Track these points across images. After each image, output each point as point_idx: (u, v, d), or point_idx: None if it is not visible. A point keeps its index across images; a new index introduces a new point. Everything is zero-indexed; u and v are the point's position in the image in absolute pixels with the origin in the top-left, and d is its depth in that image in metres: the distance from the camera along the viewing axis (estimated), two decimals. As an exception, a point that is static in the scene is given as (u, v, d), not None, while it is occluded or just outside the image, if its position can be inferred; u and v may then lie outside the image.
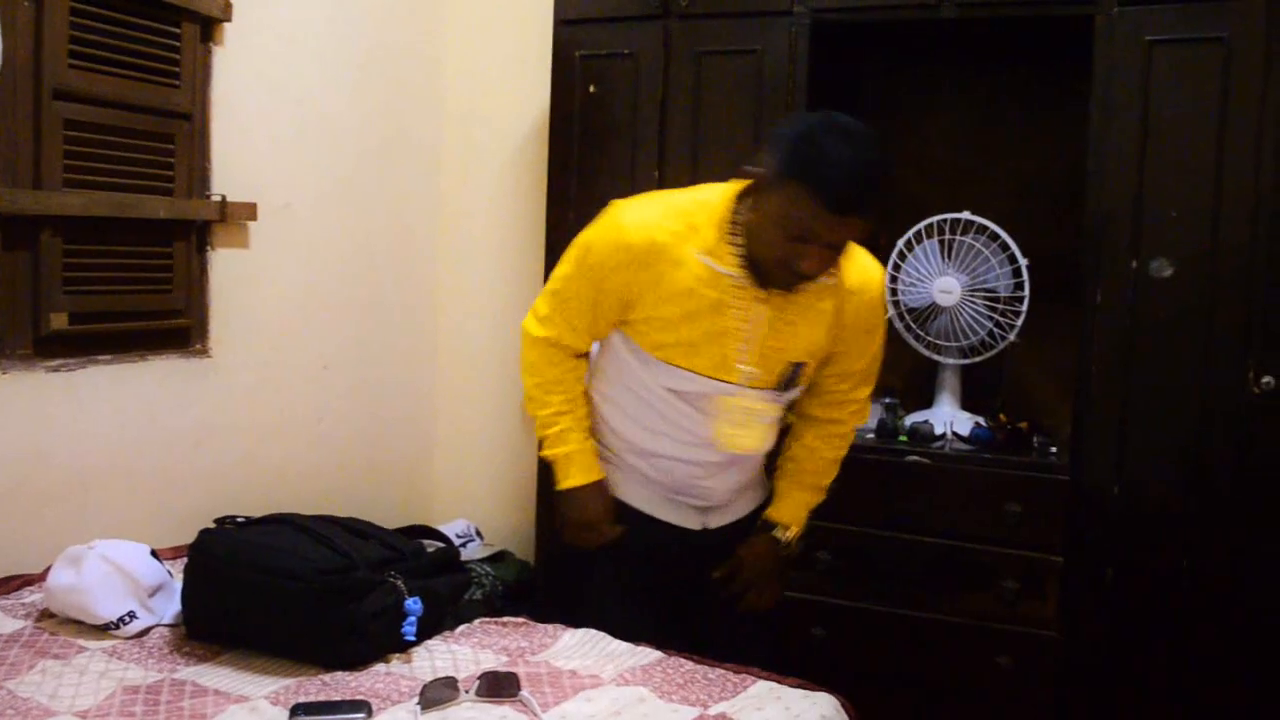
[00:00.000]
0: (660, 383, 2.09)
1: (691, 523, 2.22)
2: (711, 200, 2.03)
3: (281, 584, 1.95)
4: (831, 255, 1.92)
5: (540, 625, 2.17)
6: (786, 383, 2.12)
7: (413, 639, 2.02)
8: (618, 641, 2.06)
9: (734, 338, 2.03)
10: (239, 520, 2.23)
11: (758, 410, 2.10)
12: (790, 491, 2.29)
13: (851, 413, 2.29)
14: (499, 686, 1.81)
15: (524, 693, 1.80)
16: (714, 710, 1.82)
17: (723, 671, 1.97)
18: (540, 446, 2.21)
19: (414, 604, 2.03)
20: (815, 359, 2.15)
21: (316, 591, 1.93)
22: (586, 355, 2.22)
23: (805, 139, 1.86)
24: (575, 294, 2.10)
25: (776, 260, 1.93)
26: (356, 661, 1.94)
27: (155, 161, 2.67)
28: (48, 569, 2.24)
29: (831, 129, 1.86)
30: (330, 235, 3.24)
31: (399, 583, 2.04)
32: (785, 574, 2.31)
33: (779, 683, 1.95)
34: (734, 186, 2.03)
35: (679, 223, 2.01)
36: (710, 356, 2.04)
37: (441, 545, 2.40)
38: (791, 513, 2.28)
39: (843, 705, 1.93)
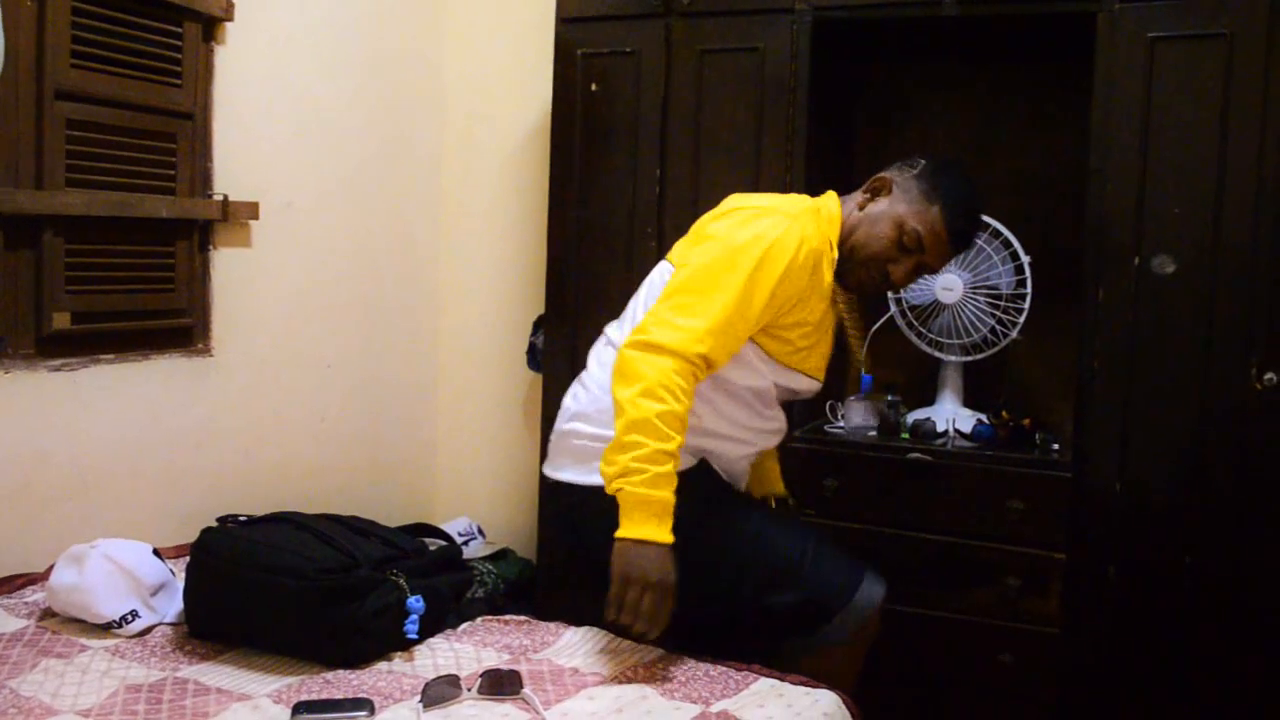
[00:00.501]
0: (774, 383, 2.18)
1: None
2: (830, 212, 2.18)
3: (284, 583, 1.95)
4: (917, 275, 2.21)
5: (542, 623, 2.17)
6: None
7: (415, 637, 2.03)
8: (619, 639, 2.06)
9: (830, 339, 2.25)
10: (241, 519, 2.23)
11: None
12: (774, 467, 2.57)
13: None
14: (501, 684, 1.81)
15: (526, 690, 1.80)
16: (716, 708, 1.82)
17: (725, 669, 1.97)
18: (621, 474, 1.89)
19: (416, 602, 2.03)
20: None
21: (319, 590, 1.94)
22: None
23: (951, 175, 2.17)
24: (744, 305, 2.00)
25: (875, 257, 2.14)
26: (359, 660, 1.95)
27: (157, 161, 2.67)
28: (50, 568, 2.25)
29: (967, 180, 2.21)
30: (332, 234, 3.24)
31: (401, 581, 2.05)
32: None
33: (780, 680, 1.95)
34: (834, 201, 2.22)
35: (822, 235, 2.13)
36: (820, 357, 2.22)
37: (443, 543, 2.41)
38: (782, 484, 2.60)
39: (844, 702, 1.93)
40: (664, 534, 1.88)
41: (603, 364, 2.18)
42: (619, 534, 1.87)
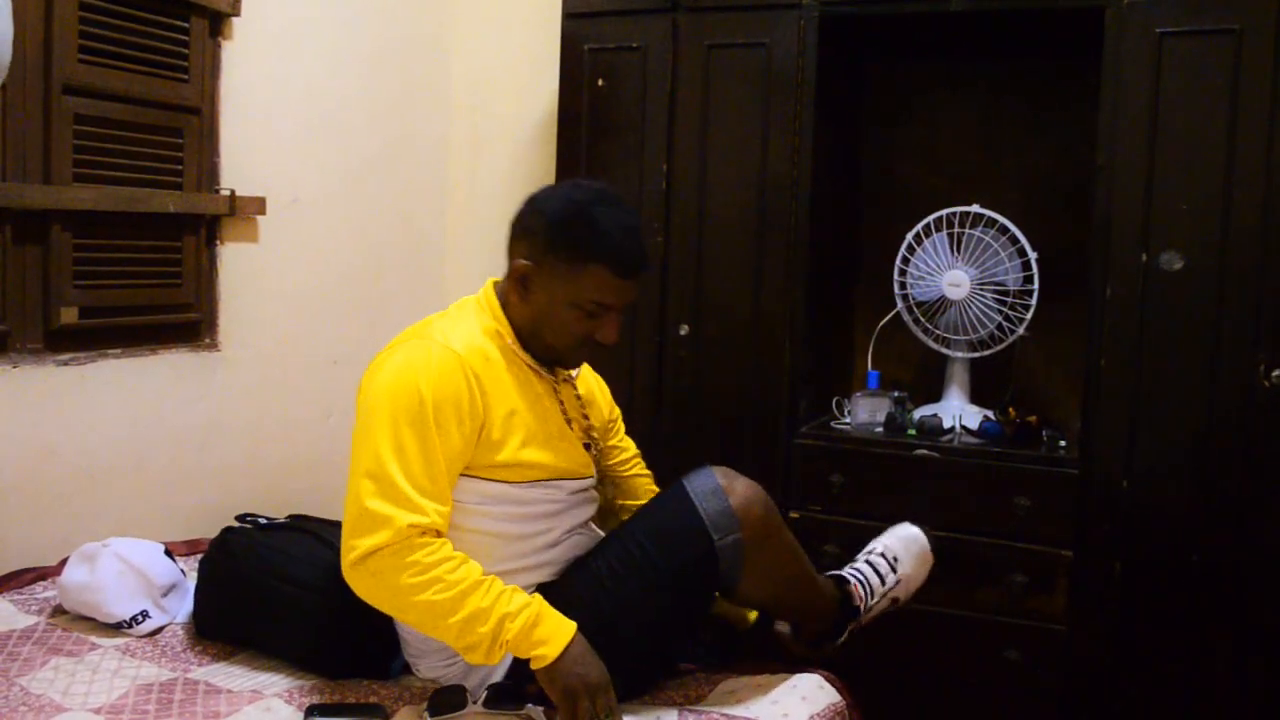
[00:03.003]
0: (527, 509, 1.90)
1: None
2: (483, 301, 1.96)
3: (301, 593, 1.95)
4: (618, 319, 1.92)
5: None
6: (597, 455, 2.07)
7: (395, 675, 1.99)
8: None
9: (564, 426, 1.97)
10: (261, 521, 2.22)
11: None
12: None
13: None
14: (506, 698, 1.81)
15: (530, 705, 1.80)
16: (696, 706, 1.83)
17: (698, 672, 1.99)
18: (480, 646, 1.71)
19: None
20: (601, 423, 2.14)
21: (334, 605, 1.93)
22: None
23: (578, 219, 1.86)
24: (429, 456, 1.76)
25: (576, 341, 1.90)
26: (354, 677, 1.94)
27: (164, 156, 2.67)
28: (60, 562, 2.25)
29: (596, 201, 1.89)
30: (339, 229, 3.24)
31: None
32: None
33: (756, 674, 1.97)
34: (486, 289, 1.99)
35: (484, 326, 1.91)
36: (564, 446, 1.94)
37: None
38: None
39: (827, 679, 1.94)
40: (565, 628, 1.73)
41: None
42: (537, 666, 1.72)
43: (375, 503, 1.72)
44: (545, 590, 1.86)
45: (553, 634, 1.72)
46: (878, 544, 2.22)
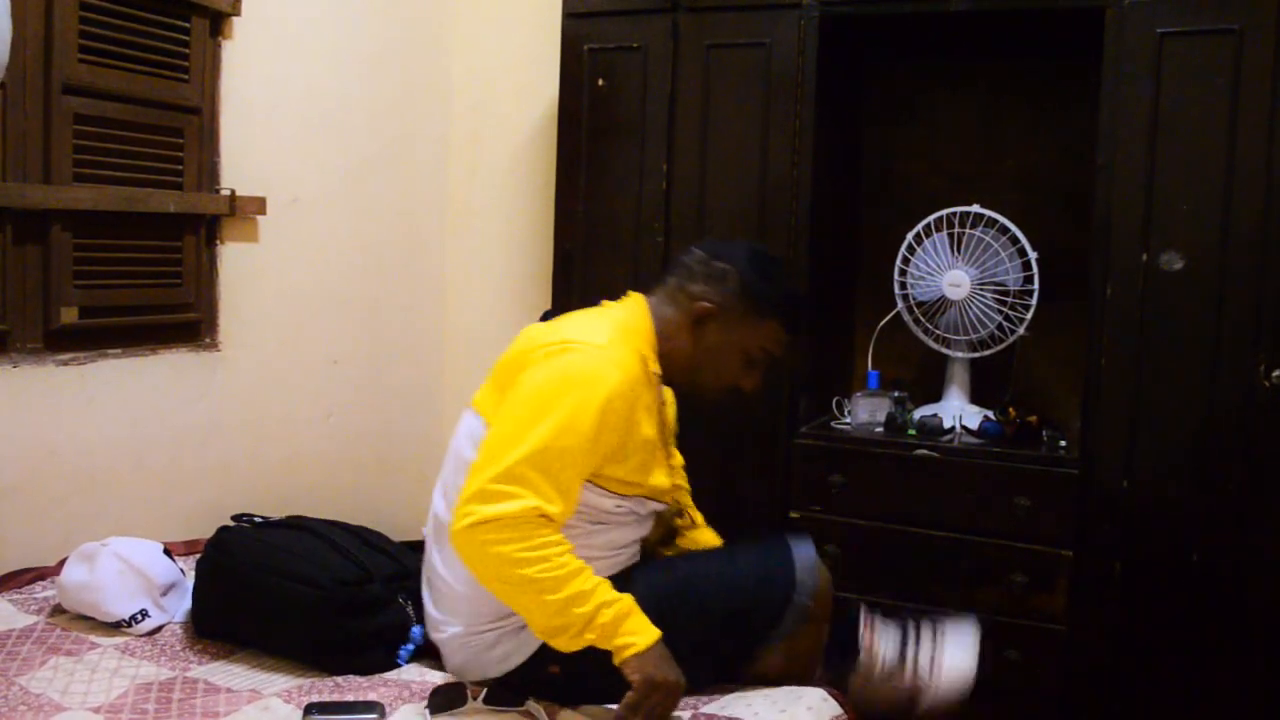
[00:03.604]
0: (623, 508, 1.98)
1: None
2: (638, 324, 2.02)
3: (300, 590, 1.96)
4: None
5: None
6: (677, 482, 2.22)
7: (403, 664, 2.01)
8: None
9: (662, 450, 2.06)
10: (256, 520, 2.22)
11: None
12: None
13: None
14: (506, 695, 1.81)
15: (531, 702, 1.80)
16: (706, 709, 1.83)
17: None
18: (571, 628, 1.76)
19: (418, 633, 2.04)
20: None
21: (335, 601, 1.93)
22: None
23: (769, 275, 2.04)
24: (577, 460, 1.82)
25: (728, 384, 2.06)
26: (355, 673, 1.94)
27: (164, 156, 2.67)
28: (59, 562, 2.25)
29: (773, 262, 2.10)
30: (339, 229, 3.24)
31: (409, 608, 2.05)
32: None
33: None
34: (640, 306, 2.06)
35: (635, 355, 1.95)
36: (661, 468, 2.02)
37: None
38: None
39: (830, 694, 1.94)
40: (652, 628, 1.78)
41: (448, 564, 1.93)
42: (623, 655, 1.75)
43: (511, 482, 1.76)
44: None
45: (642, 629, 1.77)
46: (930, 633, 2.19)
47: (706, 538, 2.29)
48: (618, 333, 1.96)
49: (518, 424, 1.81)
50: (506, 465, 1.76)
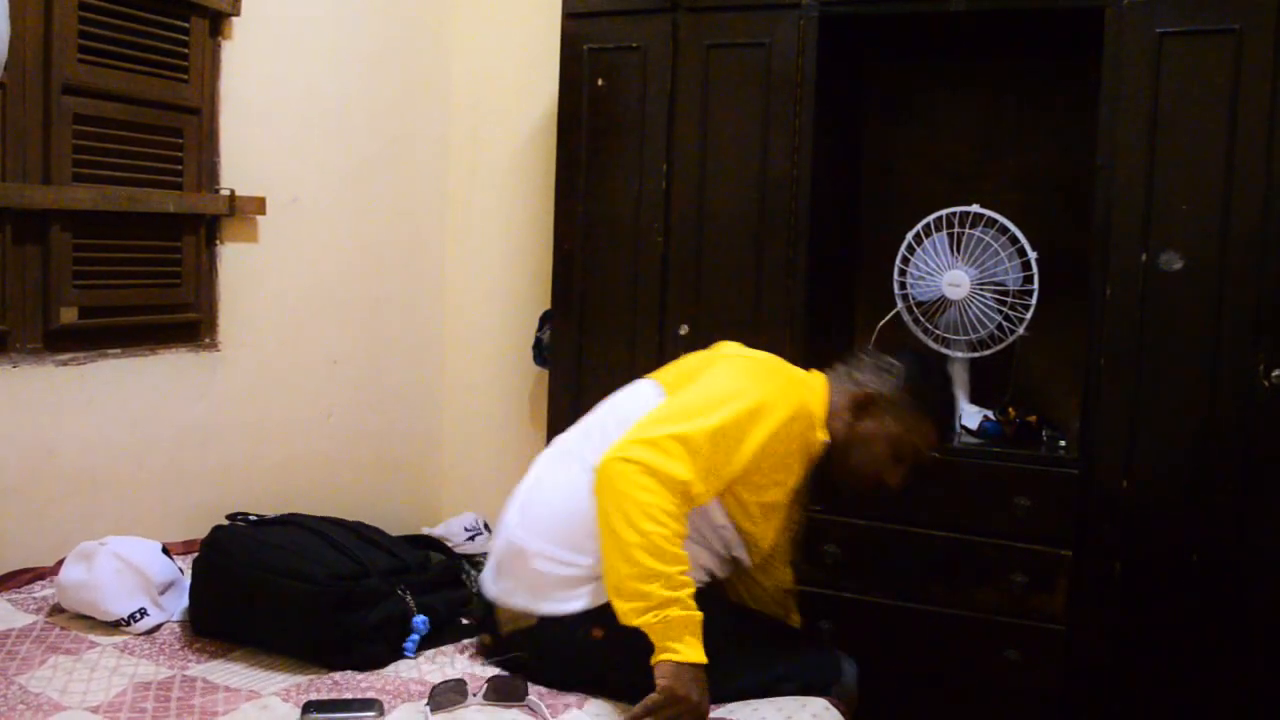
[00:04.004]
0: (722, 539, 2.08)
1: None
2: (818, 395, 2.12)
3: (296, 586, 1.95)
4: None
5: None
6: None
7: (411, 656, 2.02)
8: None
9: (781, 524, 2.14)
10: (251, 518, 2.23)
11: None
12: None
13: None
14: (507, 691, 1.81)
15: (531, 697, 1.80)
16: (712, 715, 1.82)
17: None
18: (659, 605, 1.79)
19: (421, 623, 2.04)
20: None
21: (330, 596, 1.94)
22: None
23: (934, 381, 2.19)
24: (732, 456, 1.92)
25: (876, 472, 2.11)
26: (357, 668, 1.94)
27: (164, 156, 2.67)
28: (58, 562, 2.25)
29: (936, 367, 2.30)
30: (338, 229, 3.24)
31: (409, 598, 2.05)
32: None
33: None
34: (821, 383, 2.15)
35: (813, 419, 2.06)
36: (765, 529, 2.09)
37: (443, 558, 2.39)
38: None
39: (832, 704, 1.94)
40: (702, 655, 1.80)
41: (558, 484, 2.05)
42: (665, 656, 1.78)
43: (683, 445, 1.85)
44: None
45: (694, 647, 1.79)
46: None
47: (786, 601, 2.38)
48: (800, 389, 2.09)
49: (708, 401, 1.93)
50: (686, 431, 1.86)
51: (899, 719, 2.71)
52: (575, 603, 1.92)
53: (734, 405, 1.93)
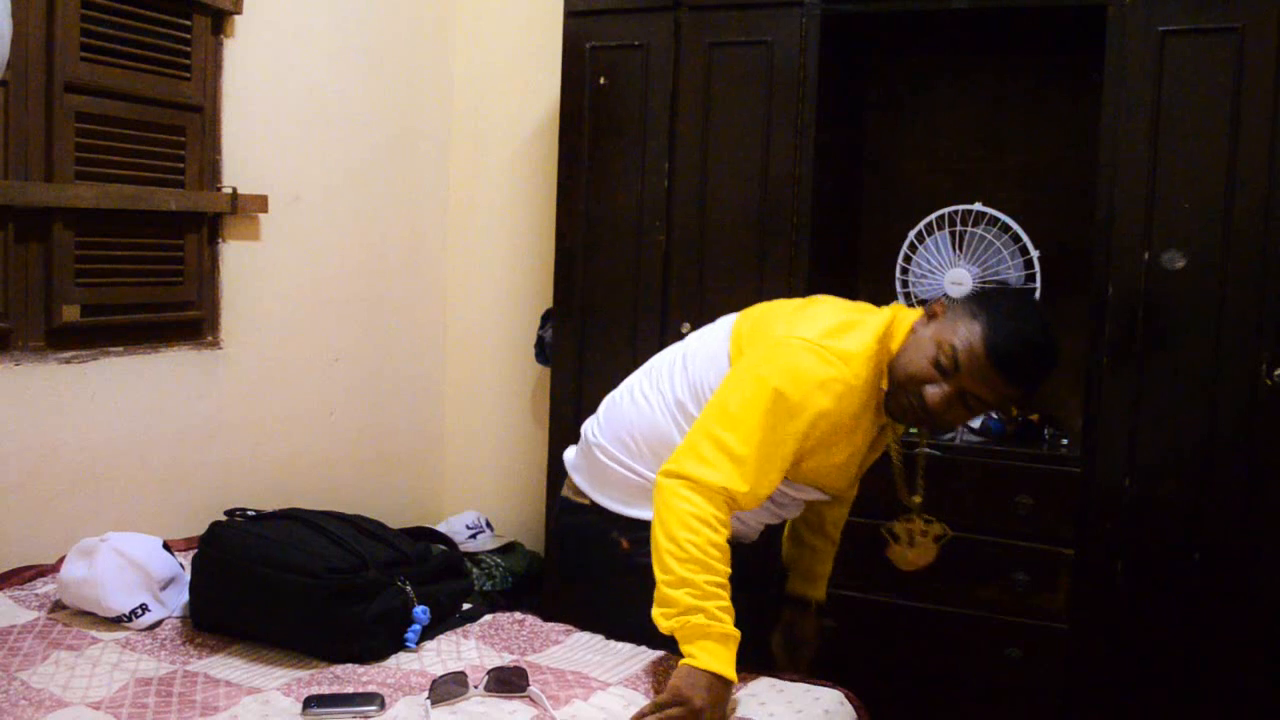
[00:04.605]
0: (785, 495, 2.06)
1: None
2: (891, 334, 1.98)
3: (293, 580, 1.95)
4: (961, 405, 1.91)
5: (547, 624, 2.17)
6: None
7: (414, 647, 2.02)
8: (622, 643, 2.06)
9: (859, 460, 2.08)
10: (250, 514, 2.23)
11: None
12: (826, 574, 2.37)
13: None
14: (508, 682, 1.81)
15: (533, 688, 1.80)
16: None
17: None
18: (685, 612, 1.80)
19: (422, 613, 2.04)
20: None
21: (328, 589, 1.94)
22: None
23: (1010, 296, 2.06)
24: (776, 451, 1.89)
25: (913, 378, 1.91)
26: (357, 661, 1.94)
27: (166, 154, 2.68)
28: (60, 559, 2.25)
29: (1033, 306, 2.09)
30: (340, 227, 3.24)
31: (408, 589, 2.05)
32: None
33: (780, 678, 1.95)
34: (889, 317, 2.01)
35: (863, 366, 1.93)
36: (844, 478, 2.09)
37: (444, 549, 2.40)
38: (825, 590, 2.38)
39: (847, 697, 1.93)
40: (729, 666, 1.77)
41: (636, 400, 2.12)
42: (684, 661, 1.77)
43: (720, 452, 1.86)
44: None
45: (721, 659, 1.76)
46: None
47: (819, 570, 2.36)
48: (865, 342, 1.94)
49: (741, 408, 1.87)
50: (720, 438, 1.86)
51: (901, 717, 2.71)
52: (619, 505, 2.06)
53: (764, 414, 1.87)
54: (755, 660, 2.02)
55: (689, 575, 1.79)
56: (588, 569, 2.15)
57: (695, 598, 1.78)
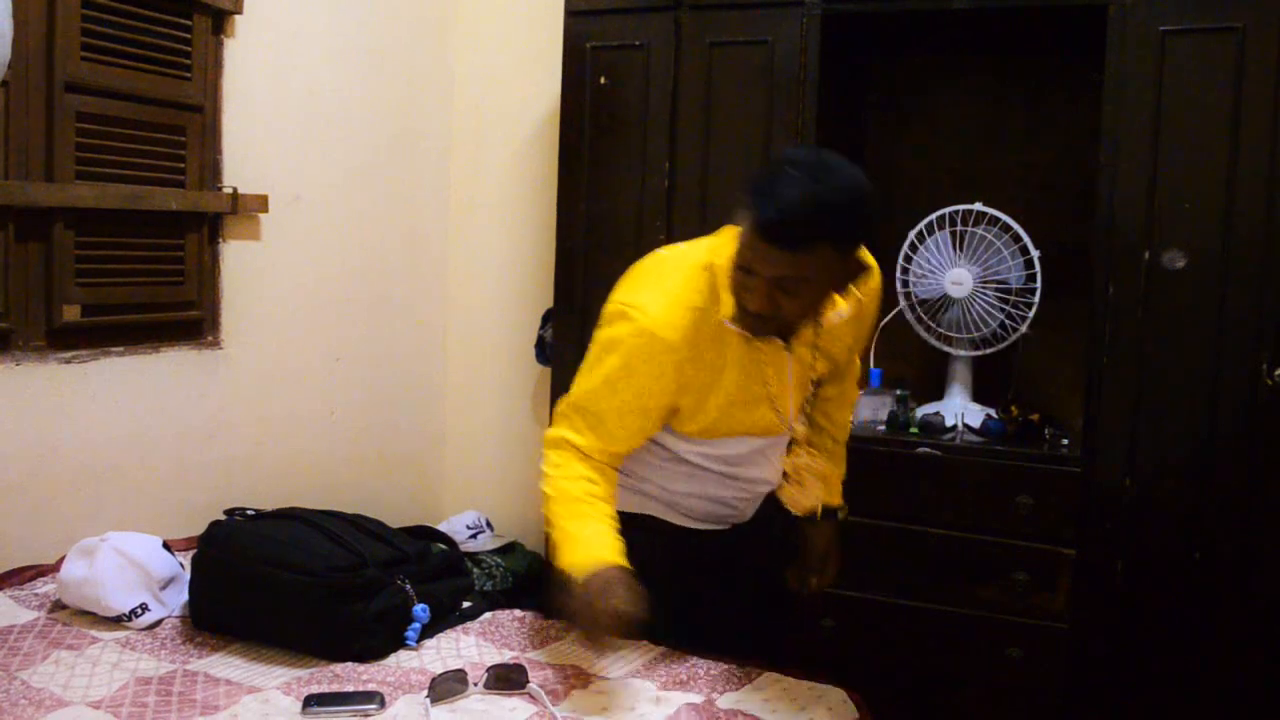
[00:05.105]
0: (705, 453, 2.03)
1: (722, 526, 2.14)
2: (717, 259, 1.91)
3: (293, 578, 1.96)
4: (781, 294, 1.79)
5: (547, 621, 2.17)
6: (812, 397, 2.11)
7: (413, 645, 2.03)
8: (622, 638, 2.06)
9: (777, 394, 1.99)
10: (249, 513, 2.23)
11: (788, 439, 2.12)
12: (833, 473, 2.26)
13: (854, 375, 2.27)
14: (507, 679, 1.81)
15: (533, 685, 1.80)
16: (722, 703, 1.82)
17: (726, 665, 1.97)
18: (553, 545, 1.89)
19: (421, 611, 2.04)
20: (838, 366, 2.14)
21: (328, 587, 1.94)
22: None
23: (768, 170, 1.80)
24: (615, 408, 1.91)
25: (734, 290, 1.84)
26: (357, 659, 1.95)
27: (167, 154, 2.68)
28: (60, 559, 2.25)
29: (798, 162, 1.77)
30: (341, 227, 3.24)
31: (408, 587, 2.05)
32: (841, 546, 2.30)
33: (784, 675, 1.95)
34: (708, 245, 1.95)
35: (700, 296, 1.88)
36: (759, 418, 1.99)
37: (444, 548, 2.40)
38: (838, 491, 2.26)
39: (850, 696, 1.93)
40: (582, 557, 1.79)
41: None
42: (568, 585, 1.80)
43: (562, 410, 1.98)
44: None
45: (579, 562, 1.79)
46: None
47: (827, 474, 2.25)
48: (687, 278, 1.90)
49: (580, 374, 1.97)
50: (564, 399, 1.98)
51: (901, 717, 2.71)
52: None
53: (593, 378, 1.93)
54: (747, 652, 2.03)
55: (548, 510, 1.90)
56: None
57: (553, 523, 1.88)
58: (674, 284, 1.90)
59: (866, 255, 1.97)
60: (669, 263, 1.97)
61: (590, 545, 1.81)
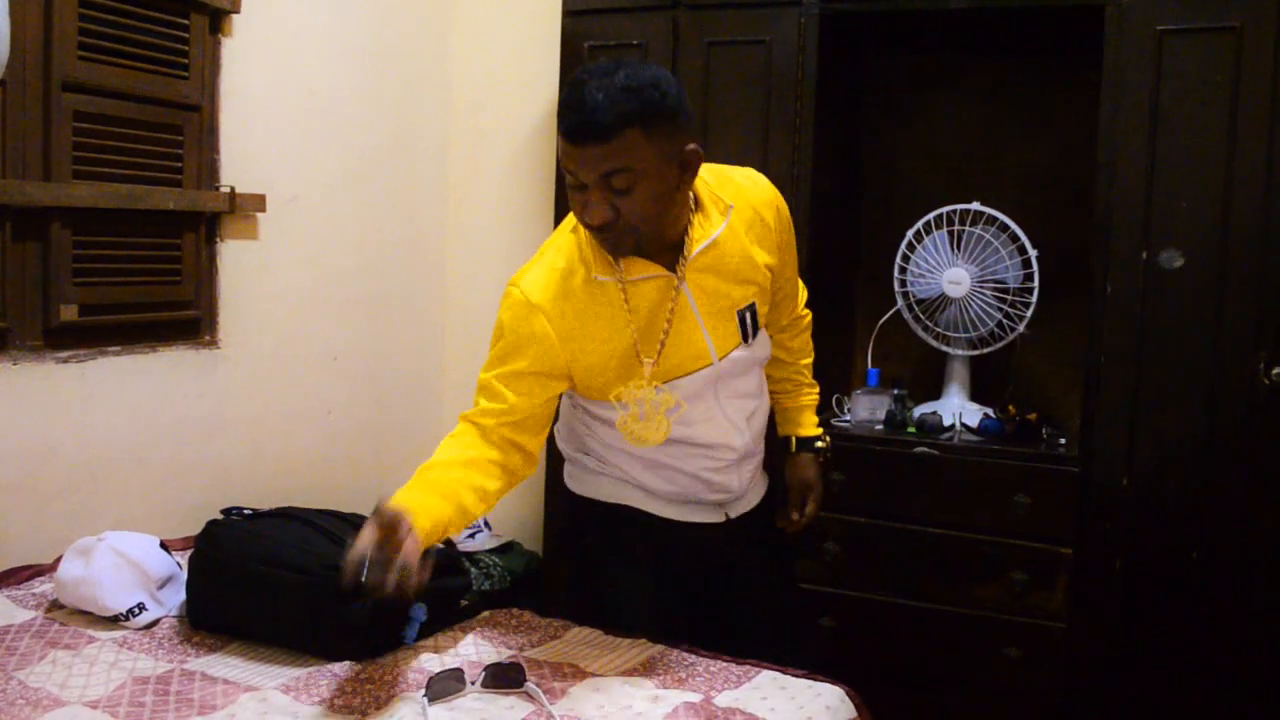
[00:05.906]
0: (594, 414, 2.05)
1: (714, 516, 2.13)
2: (555, 240, 2.04)
3: (290, 578, 1.95)
4: (609, 197, 1.78)
5: (545, 620, 2.17)
6: (751, 331, 2.02)
7: (411, 644, 2.03)
8: (620, 637, 2.06)
9: (687, 329, 1.95)
10: (246, 512, 2.23)
11: (742, 375, 2.05)
12: (800, 407, 2.31)
13: (802, 302, 2.29)
14: (505, 678, 1.81)
15: (530, 684, 1.80)
16: (720, 701, 1.82)
17: (724, 664, 1.97)
18: None
19: (419, 611, 2.04)
20: (763, 291, 2.04)
21: (325, 586, 1.94)
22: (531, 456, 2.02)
23: (568, 86, 1.80)
24: (506, 375, 1.99)
25: (577, 217, 1.86)
26: (355, 658, 1.94)
27: (164, 153, 2.67)
28: (57, 559, 2.25)
29: (592, 70, 1.79)
30: (338, 227, 3.24)
31: None
32: (827, 477, 2.35)
33: (782, 673, 1.95)
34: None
35: (566, 258, 1.95)
36: (674, 358, 1.95)
37: (441, 546, 2.39)
38: (812, 422, 2.32)
39: (848, 695, 1.93)
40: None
41: None
42: None
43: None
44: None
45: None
46: None
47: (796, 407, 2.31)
48: (554, 251, 2.00)
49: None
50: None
51: (899, 716, 2.71)
52: (573, 484, 2.19)
53: (489, 358, 2.05)
54: (745, 651, 2.02)
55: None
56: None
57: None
58: (548, 255, 2.01)
59: (746, 171, 2.06)
60: (550, 239, 2.06)
61: (399, 496, 1.79)
